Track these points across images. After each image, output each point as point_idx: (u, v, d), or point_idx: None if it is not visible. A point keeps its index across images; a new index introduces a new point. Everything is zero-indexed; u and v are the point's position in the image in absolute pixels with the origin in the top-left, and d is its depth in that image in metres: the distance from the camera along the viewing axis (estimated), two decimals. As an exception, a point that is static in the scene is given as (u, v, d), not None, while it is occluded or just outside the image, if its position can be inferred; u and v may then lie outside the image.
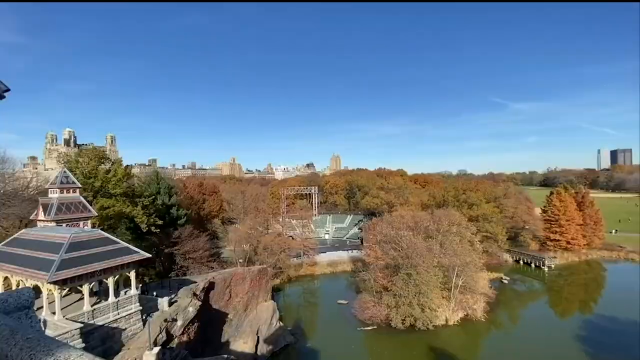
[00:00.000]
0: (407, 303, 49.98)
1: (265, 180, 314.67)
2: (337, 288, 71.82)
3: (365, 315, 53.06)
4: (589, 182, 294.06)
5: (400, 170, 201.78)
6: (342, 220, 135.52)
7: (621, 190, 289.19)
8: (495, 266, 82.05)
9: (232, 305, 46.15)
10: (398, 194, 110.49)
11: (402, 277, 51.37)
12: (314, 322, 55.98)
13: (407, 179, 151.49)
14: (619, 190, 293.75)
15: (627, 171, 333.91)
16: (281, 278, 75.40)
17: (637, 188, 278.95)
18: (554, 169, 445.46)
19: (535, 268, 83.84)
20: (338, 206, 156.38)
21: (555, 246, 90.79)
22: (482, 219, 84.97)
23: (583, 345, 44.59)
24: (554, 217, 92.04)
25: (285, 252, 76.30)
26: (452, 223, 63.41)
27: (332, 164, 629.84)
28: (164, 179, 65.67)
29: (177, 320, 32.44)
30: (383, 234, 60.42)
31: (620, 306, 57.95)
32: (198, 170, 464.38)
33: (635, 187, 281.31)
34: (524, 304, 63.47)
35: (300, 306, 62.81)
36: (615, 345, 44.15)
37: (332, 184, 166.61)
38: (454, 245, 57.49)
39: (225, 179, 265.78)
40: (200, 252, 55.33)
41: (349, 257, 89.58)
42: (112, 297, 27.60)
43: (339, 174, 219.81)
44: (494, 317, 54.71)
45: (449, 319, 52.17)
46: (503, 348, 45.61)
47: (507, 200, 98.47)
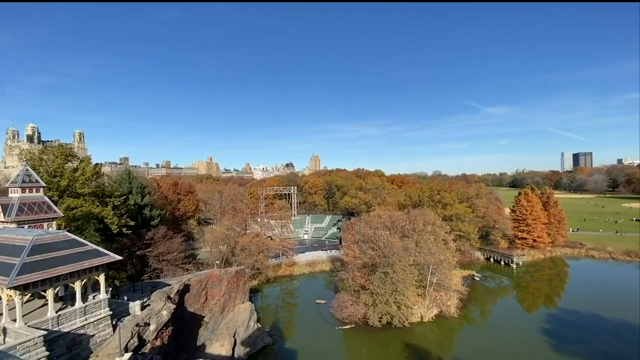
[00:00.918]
0: (384, 301, 50.91)
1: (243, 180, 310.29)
2: (315, 288, 71.99)
3: (344, 314, 53.55)
4: (553, 183, 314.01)
5: (378, 171, 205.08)
6: (321, 220, 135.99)
7: (582, 191, 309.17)
8: (467, 264, 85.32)
9: (208, 307, 45.15)
10: (376, 194, 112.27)
11: (379, 275, 52.25)
12: (292, 322, 55.84)
13: (384, 180, 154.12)
14: (580, 191, 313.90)
15: (587, 173, 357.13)
16: (259, 279, 74.64)
17: (597, 189, 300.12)
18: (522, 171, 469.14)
19: (504, 265, 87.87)
20: (317, 206, 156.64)
21: (522, 244, 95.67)
22: (455, 218, 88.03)
23: (548, 338, 47.19)
24: (522, 217, 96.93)
25: (264, 252, 75.55)
26: (427, 222, 65.25)
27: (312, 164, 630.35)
28: (136, 178, 63.23)
29: (150, 325, 31.36)
30: (361, 234, 61.18)
31: (581, 300, 61.93)
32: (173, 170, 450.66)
33: (595, 188, 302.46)
34: (494, 299, 66.27)
35: (278, 307, 62.43)
36: (577, 338, 47.09)
37: (311, 184, 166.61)
38: (428, 244, 59.17)
39: (202, 178, 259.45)
40: (174, 254, 53.72)
41: (327, 257, 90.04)
42: (79, 302, 26.25)
43: (318, 174, 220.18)
44: (466, 313, 56.81)
45: (424, 315, 53.60)
46: (475, 343, 47.45)
47: (478, 201, 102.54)
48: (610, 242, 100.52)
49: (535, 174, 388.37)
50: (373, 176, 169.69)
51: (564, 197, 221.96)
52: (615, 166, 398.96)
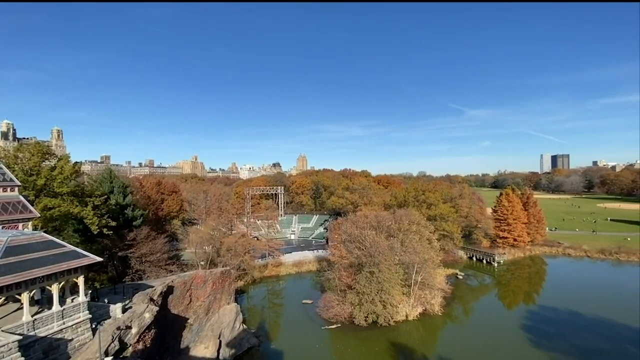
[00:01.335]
0: (370, 300, 51.37)
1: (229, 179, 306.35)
2: (302, 288, 71.88)
3: (330, 313, 53.70)
4: (532, 184, 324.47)
5: (364, 171, 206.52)
6: (308, 220, 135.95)
7: (560, 192, 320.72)
8: (451, 263, 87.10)
9: (192, 309, 44.40)
10: (362, 194, 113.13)
11: (365, 275, 52.68)
12: (279, 323, 55.59)
13: (371, 180, 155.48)
14: (558, 191, 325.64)
15: (565, 175, 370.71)
16: (245, 280, 73.95)
17: (573, 190, 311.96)
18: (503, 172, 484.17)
19: (486, 264, 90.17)
20: (304, 206, 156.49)
21: (503, 243, 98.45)
22: (439, 218, 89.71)
23: (527, 334, 48.73)
24: (503, 217, 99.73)
25: (250, 253, 74.90)
26: (412, 222, 66.24)
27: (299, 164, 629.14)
28: (118, 177, 61.48)
29: (132, 328, 30.58)
30: (348, 234, 61.50)
31: (559, 297, 64.29)
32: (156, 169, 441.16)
33: (572, 189, 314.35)
34: (477, 297, 67.87)
35: (264, 307, 62.01)
36: (555, 333, 48.82)
37: (298, 184, 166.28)
38: (413, 244, 60.06)
39: (187, 177, 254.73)
40: (157, 255, 52.55)
41: (314, 257, 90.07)
42: (56, 305, 25.32)
43: (305, 174, 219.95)
44: (449, 311, 57.98)
45: (408, 314, 54.38)
46: (458, 340, 48.48)
47: (462, 201, 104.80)
48: (586, 241, 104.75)
49: (516, 175, 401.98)
50: (360, 176, 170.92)
51: (542, 197, 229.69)
52: (591, 168, 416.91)
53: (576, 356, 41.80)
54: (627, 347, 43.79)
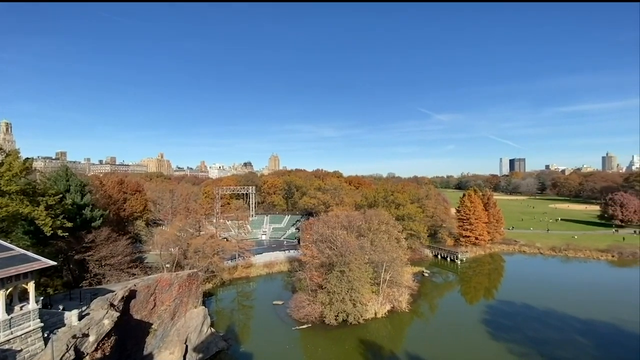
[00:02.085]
0: (340, 299, 52.03)
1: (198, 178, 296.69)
2: (273, 289, 71.25)
3: (301, 314, 53.71)
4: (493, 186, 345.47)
5: (336, 172, 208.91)
6: (280, 220, 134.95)
7: (517, 193, 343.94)
8: (417, 261, 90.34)
9: (156, 314, 42.57)
10: (334, 194, 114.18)
11: (336, 274, 53.28)
12: (248, 325, 54.72)
13: (342, 181, 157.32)
14: (515, 193, 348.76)
15: (521, 177, 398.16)
16: (214, 282, 72.02)
17: (528, 191, 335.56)
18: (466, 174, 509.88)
19: (450, 261, 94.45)
20: (276, 206, 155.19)
21: (466, 242, 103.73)
22: (407, 218, 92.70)
23: (486, 327, 51.72)
24: (466, 216, 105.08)
25: (219, 254, 73.00)
26: (381, 222, 68.01)
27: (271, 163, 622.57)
28: (75, 175, 57.42)
29: (89, 336, 28.76)
30: (319, 234, 61.86)
31: (515, 291, 68.85)
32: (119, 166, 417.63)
33: (527, 190, 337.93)
34: (441, 293, 70.90)
35: (233, 310, 60.73)
36: (510, 326, 52.16)
37: (270, 184, 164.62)
38: (383, 243, 61.68)
39: (152, 176, 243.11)
40: (119, 258, 49.79)
41: (285, 257, 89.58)
42: (3, 313, 23.23)
43: (277, 174, 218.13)
44: (416, 308, 60.12)
45: (377, 312, 55.69)
46: (424, 335, 50.41)
47: (428, 201, 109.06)
48: (539, 239, 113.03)
49: (478, 177, 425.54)
50: (332, 177, 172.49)
51: (501, 198, 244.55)
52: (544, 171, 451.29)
53: (529, 346, 44.94)
54: (574, 337, 47.80)
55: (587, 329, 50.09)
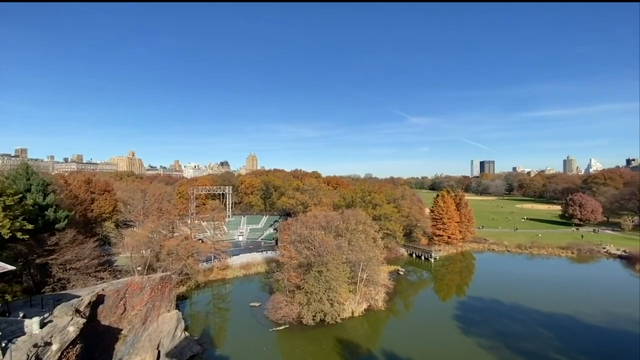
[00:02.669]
0: (318, 299, 52.22)
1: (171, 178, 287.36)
2: (250, 291, 70.32)
3: (278, 315, 53.38)
4: (464, 187, 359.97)
5: (315, 172, 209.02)
6: (257, 221, 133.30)
7: (486, 194, 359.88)
8: (393, 260, 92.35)
9: (127, 319, 40.89)
10: (312, 194, 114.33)
11: (313, 274, 53.41)
12: (224, 328, 53.65)
13: (321, 181, 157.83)
14: (485, 193, 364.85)
15: (490, 179, 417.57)
16: (188, 285, 70.05)
17: (497, 192, 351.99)
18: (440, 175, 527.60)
19: (424, 260, 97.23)
20: (254, 207, 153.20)
21: (439, 240, 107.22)
22: (383, 217, 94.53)
23: (458, 323, 53.71)
24: (439, 216, 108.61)
25: (194, 256, 71.07)
26: (359, 222, 68.92)
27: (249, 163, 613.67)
28: (37, 173, 53.89)
29: (52, 344, 27.14)
30: (297, 234, 61.75)
31: (484, 288, 71.94)
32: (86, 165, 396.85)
33: (496, 191, 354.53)
34: (416, 291, 72.83)
35: (209, 313, 59.33)
36: (481, 321, 54.47)
37: (247, 184, 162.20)
38: (360, 242, 62.54)
39: (122, 175, 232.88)
40: (85, 261, 47.38)
41: (263, 258, 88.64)
42: (-48, 324, 21.49)
43: (255, 174, 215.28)
44: (392, 306, 61.39)
45: (354, 311, 56.39)
46: (399, 332, 51.58)
47: (404, 202, 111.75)
48: (507, 237, 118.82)
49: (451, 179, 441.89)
50: (310, 177, 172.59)
51: (472, 198, 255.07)
52: (511, 173, 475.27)
53: (498, 340, 47.17)
54: (538, 329, 50.63)
55: (549, 321, 53.24)
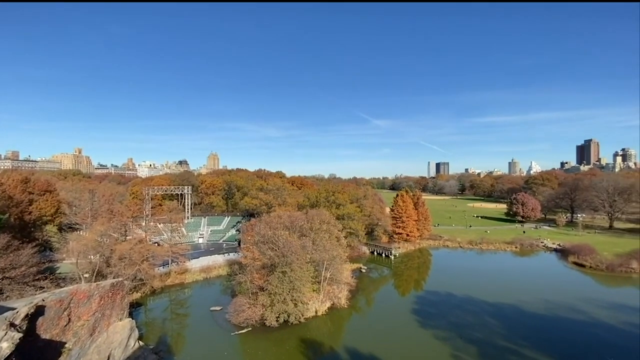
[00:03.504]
0: (282, 300, 51.91)
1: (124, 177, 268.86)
2: (211, 294, 67.96)
3: (240, 318, 52.21)
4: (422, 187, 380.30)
5: (279, 172, 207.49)
6: (219, 222, 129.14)
7: (442, 194, 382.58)
8: (356, 258, 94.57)
9: (71, 331, 37.63)
10: (277, 195, 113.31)
11: (277, 275, 53.00)
12: (183, 334, 51.32)
13: (285, 181, 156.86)
14: (440, 193, 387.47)
15: (445, 179, 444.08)
16: (143, 291, 66.05)
17: (451, 192, 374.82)
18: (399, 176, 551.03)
19: (385, 257, 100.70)
20: (215, 207, 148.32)
21: (399, 238, 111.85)
22: (347, 217, 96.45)
23: (416, 316, 56.38)
24: (399, 215, 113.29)
25: (149, 260, 67.18)
26: (323, 221, 69.64)
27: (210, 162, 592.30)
28: (-39, 172, 47.61)
29: (-18, 363, 24.23)
30: (261, 235, 60.86)
31: (439, 282, 76.22)
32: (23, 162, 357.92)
33: (450, 191, 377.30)
34: (377, 288, 75.15)
35: (166, 320, 56.38)
36: (436, 313, 57.64)
37: (208, 184, 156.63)
38: (324, 242, 63.19)
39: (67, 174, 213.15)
40: (22, 269, 42.96)
41: (225, 261, 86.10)
42: None
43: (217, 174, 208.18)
44: (354, 303, 62.79)
45: (318, 310, 56.84)
46: (361, 328, 52.93)
47: (366, 201, 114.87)
48: (460, 234, 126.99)
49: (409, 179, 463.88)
50: (274, 177, 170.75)
51: (429, 198, 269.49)
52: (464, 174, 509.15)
53: (451, 331, 50.25)
54: (486, 319, 54.70)
55: (496, 311, 57.84)
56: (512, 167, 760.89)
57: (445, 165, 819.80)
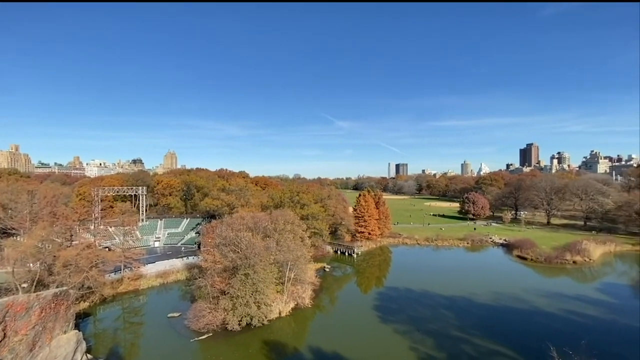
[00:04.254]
0: (244, 303, 50.98)
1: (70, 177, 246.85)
2: (168, 301, 64.76)
3: (201, 323, 50.40)
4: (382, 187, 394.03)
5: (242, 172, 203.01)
6: (177, 224, 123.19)
7: (401, 193, 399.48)
8: (320, 257, 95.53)
9: (7, 347, 33.99)
10: (239, 195, 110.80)
11: (240, 278, 51.96)
12: (137, 344, 48.38)
13: (248, 181, 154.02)
14: (399, 193, 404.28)
15: (404, 179, 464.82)
16: (92, 300, 61.29)
17: (410, 192, 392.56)
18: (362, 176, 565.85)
19: (348, 256, 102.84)
20: (172, 209, 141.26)
21: (361, 237, 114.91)
22: (311, 217, 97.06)
23: (377, 312, 58.35)
24: (361, 214, 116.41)
25: (98, 267, 62.35)
26: (287, 222, 69.47)
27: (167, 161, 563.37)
28: None
29: None
30: (222, 237, 59.24)
31: (399, 278, 79.53)
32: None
33: (409, 191, 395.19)
34: (341, 286, 76.52)
35: (118, 330, 52.75)
36: (396, 308, 60.10)
37: (165, 184, 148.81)
38: (288, 242, 63.06)
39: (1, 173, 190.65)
40: (-56, 282, 37.68)
41: (183, 265, 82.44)
42: None
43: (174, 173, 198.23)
44: (318, 302, 63.41)
45: (282, 311, 56.60)
46: (325, 327, 53.57)
47: (330, 201, 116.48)
48: (417, 232, 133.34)
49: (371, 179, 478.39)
50: (237, 177, 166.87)
51: (389, 197, 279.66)
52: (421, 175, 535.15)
53: (410, 324, 52.72)
54: (442, 311, 58.14)
55: (450, 304, 61.70)
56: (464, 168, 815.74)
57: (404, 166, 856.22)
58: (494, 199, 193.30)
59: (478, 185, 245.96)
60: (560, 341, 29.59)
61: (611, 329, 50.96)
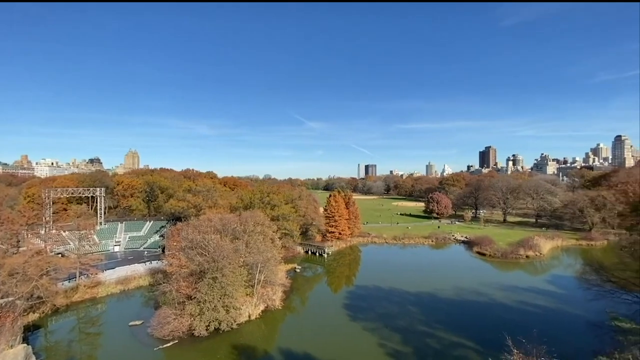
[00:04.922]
0: (212, 308, 49.59)
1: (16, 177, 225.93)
2: (129, 308, 61.33)
3: (165, 330, 48.28)
4: (352, 187, 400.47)
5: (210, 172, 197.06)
6: (139, 227, 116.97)
7: (370, 193, 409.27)
8: (290, 258, 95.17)
9: (-60, 368, 30.46)
10: (207, 196, 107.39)
11: (207, 282, 50.47)
12: (95, 356, 45.36)
13: (217, 182, 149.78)
14: (369, 193, 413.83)
15: (373, 180, 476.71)
16: (42, 310, 56.54)
17: (378, 192, 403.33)
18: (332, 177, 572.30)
19: (319, 256, 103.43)
20: (134, 211, 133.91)
21: (332, 237, 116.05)
22: (282, 218, 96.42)
23: (348, 311, 59.26)
24: (332, 214, 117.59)
25: (50, 275, 57.62)
26: (257, 223, 68.51)
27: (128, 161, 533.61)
28: None
29: None
30: (189, 240, 57.13)
31: (368, 277, 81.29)
32: None
33: (377, 191, 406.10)
34: (311, 287, 76.77)
35: (73, 342, 49.15)
36: (366, 307, 61.38)
37: (126, 185, 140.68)
38: (258, 244, 62.16)
39: None
40: None
41: (146, 270, 78.47)
42: None
43: (136, 174, 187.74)
44: (289, 304, 63.18)
45: (251, 314, 55.70)
46: (296, 328, 53.49)
47: (301, 202, 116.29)
48: (385, 231, 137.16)
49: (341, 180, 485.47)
50: (204, 177, 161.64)
51: (359, 198, 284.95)
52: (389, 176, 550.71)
53: (379, 321, 54.12)
54: (409, 308, 60.25)
55: (416, 300, 64.15)
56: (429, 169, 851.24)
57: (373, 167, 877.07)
58: (456, 198, 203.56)
59: (441, 185, 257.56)
60: (515, 331, 31.86)
61: (559, 317, 55.68)
